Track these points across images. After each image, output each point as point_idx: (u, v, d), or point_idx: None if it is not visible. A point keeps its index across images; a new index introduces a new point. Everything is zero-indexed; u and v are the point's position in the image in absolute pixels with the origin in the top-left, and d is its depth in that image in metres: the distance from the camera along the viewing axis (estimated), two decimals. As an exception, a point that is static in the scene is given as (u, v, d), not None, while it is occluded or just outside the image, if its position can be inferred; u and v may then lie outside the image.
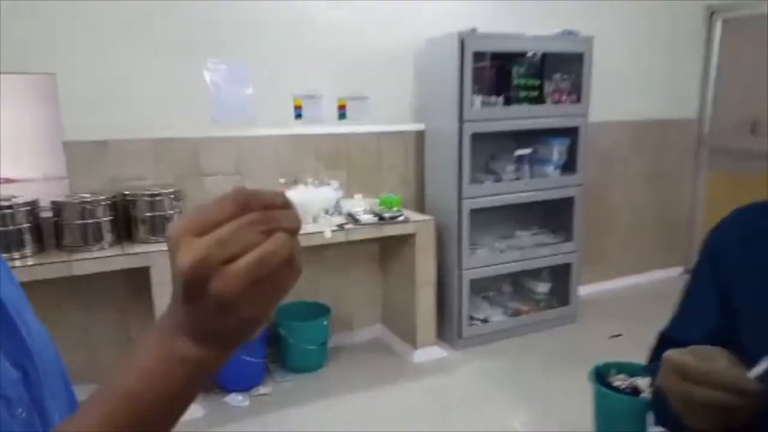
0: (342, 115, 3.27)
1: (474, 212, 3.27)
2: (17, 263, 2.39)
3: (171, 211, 2.73)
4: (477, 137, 3.19)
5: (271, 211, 0.39)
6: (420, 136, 3.47)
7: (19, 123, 3.09)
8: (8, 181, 3.18)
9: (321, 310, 3.23)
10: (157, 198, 2.70)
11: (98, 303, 2.86)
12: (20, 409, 0.47)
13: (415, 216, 3.22)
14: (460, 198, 3.22)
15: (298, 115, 3.16)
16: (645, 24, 4.07)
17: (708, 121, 4.41)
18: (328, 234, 2.88)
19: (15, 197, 2.51)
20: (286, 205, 0.40)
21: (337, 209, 3.19)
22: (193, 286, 0.37)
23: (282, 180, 3.09)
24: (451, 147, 3.19)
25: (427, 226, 3.17)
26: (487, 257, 3.44)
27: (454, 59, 3.06)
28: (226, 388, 2.89)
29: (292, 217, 0.40)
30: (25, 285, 0.58)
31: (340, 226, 2.96)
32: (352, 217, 3.07)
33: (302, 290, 3.25)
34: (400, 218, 3.10)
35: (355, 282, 3.50)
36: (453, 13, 3.39)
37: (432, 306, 3.25)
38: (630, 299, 4.17)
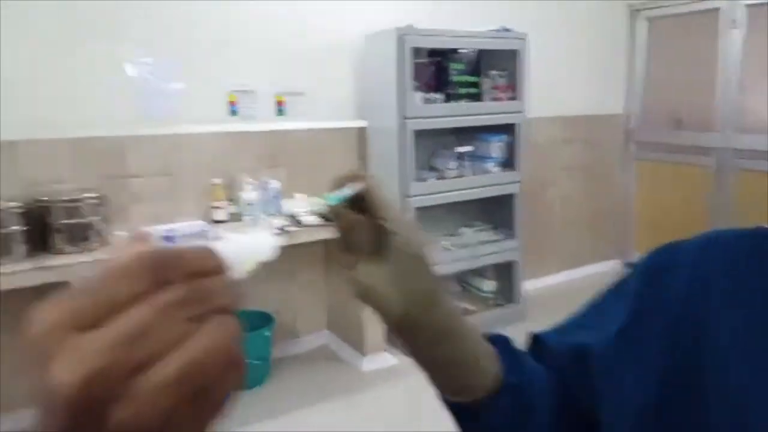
0: (280, 112, 3.12)
1: (418, 210, 3.21)
2: None
3: (93, 217, 2.47)
4: (419, 134, 3.14)
5: (198, 282, 0.26)
6: (362, 133, 3.38)
7: None
8: None
9: (263, 320, 3.03)
10: (76, 203, 2.44)
11: (11, 325, 2.48)
12: None
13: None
14: (404, 196, 3.15)
15: (233, 112, 2.99)
16: (573, 22, 4.18)
17: (635, 117, 4.57)
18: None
19: None
20: (218, 268, 0.28)
21: (277, 210, 3.04)
22: (82, 416, 0.23)
23: (217, 180, 2.91)
24: (393, 144, 3.13)
25: (373, 226, 3.06)
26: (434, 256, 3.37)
27: (393, 55, 3.01)
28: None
29: (228, 289, 0.28)
30: None
31: (282, 229, 2.80)
32: (294, 219, 2.92)
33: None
34: (345, 218, 2.98)
35: (300, 286, 3.33)
36: (392, 9, 3.33)
37: (380, 309, 3.13)
38: (573, 293, 4.15)
